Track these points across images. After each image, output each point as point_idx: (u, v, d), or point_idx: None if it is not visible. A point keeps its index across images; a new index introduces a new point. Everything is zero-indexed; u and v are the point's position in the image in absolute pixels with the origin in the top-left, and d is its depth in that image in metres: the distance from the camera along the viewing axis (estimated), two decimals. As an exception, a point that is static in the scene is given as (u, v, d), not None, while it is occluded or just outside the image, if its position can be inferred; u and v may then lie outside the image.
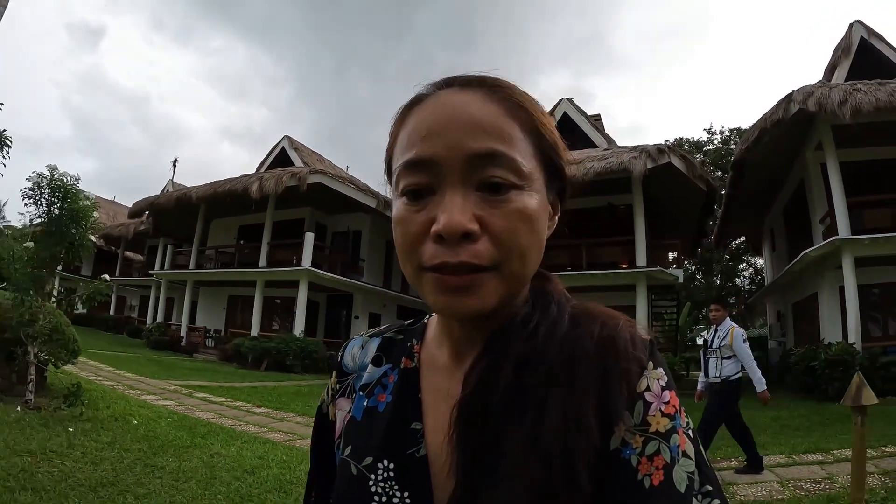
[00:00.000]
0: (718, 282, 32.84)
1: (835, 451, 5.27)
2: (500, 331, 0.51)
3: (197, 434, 5.44)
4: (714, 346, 5.08)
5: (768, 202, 16.77)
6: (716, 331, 5.17)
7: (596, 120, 19.14)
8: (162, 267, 22.84)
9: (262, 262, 18.02)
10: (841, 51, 14.57)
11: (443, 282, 0.47)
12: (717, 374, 4.95)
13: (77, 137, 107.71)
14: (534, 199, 0.49)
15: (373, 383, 0.60)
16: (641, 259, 13.73)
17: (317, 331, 19.29)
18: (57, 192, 5.60)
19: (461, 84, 0.52)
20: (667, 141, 36.21)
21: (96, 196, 32.10)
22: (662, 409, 0.48)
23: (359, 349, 0.66)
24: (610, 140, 16.92)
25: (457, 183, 0.48)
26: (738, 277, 33.52)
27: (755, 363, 4.97)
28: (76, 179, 5.71)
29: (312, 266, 16.55)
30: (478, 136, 0.48)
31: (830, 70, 14.63)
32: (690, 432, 0.49)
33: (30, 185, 5.56)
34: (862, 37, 14.44)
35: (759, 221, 18.47)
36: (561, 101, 17.88)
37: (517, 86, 0.54)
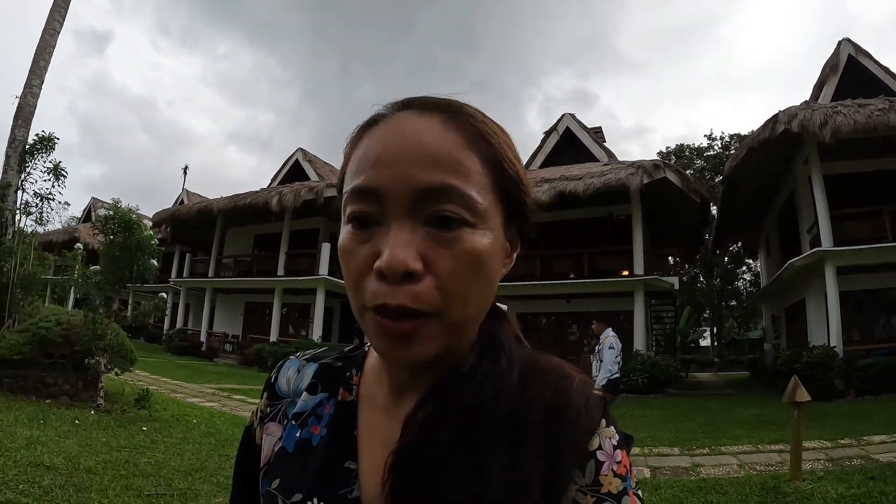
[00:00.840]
0: (719, 285, 33.49)
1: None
2: (444, 380, 0.48)
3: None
4: (595, 352, 6.37)
5: (763, 210, 17.53)
6: (598, 339, 6.38)
7: (597, 133, 19.96)
8: (180, 274, 23.80)
9: (280, 270, 18.95)
10: (829, 68, 15.34)
11: (384, 327, 0.44)
12: (597, 375, 6.04)
13: (84, 142, 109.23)
14: (486, 239, 0.46)
15: (307, 413, 0.57)
16: (639, 267, 14.54)
17: (331, 335, 20.21)
18: (122, 225, 6.49)
19: (421, 107, 0.48)
20: (668, 147, 37.00)
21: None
22: (615, 469, 0.47)
23: (294, 372, 0.62)
24: (610, 154, 17.73)
25: (404, 217, 0.45)
26: (738, 280, 34.17)
27: (611, 368, 6.06)
28: (136, 213, 6.61)
29: (329, 274, 17.48)
30: (429, 169, 0.44)
31: (819, 87, 15.40)
32: (639, 493, 0.49)
33: (101, 217, 6.46)
34: (850, 54, 15.21)
35: (755, 227, 19.22)
36: (563, 115, 18.73)
37: (482, 113, 0.51)
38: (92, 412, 6.26)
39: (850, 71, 15.07)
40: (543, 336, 17.19)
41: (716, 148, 35.21)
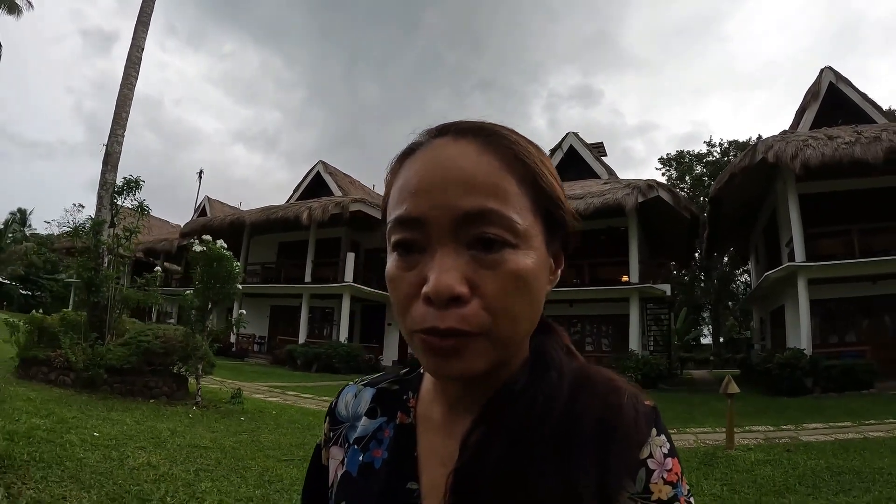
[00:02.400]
0: (717, 286, 34.94)
1: (747, 426, 7.68)
2: (497, 397, 0.50)
3: (318, 417, 7.99)
4: None
5: (750, 223, 19.11)
6: None
7: (598, 148, 21.54)
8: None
9: (308, 277, 20.67)
10: (811, 95, 16.85)
11: (430, 344, 0.46)
12: None
13: (90, 142, 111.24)
14: (529, 259, 0.48)
15: (367, 437, 0.60)
16: (634, 276, 16.17)
17: (353, 337, 21.94)
18: (214, 258, 8.17)
19: (456, 132, 0.50)
20: (668, 154, 38.40)
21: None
22: (665, 476, 0.48)
23: (352, 397, 0.65)
24: (610, 171, 19.36)
25: (447, 242, 0.46)
26: (735, 282, 35.61)
27: None
28: (225, 248, 8.28)
29: (352, 281, 19.20)
30: (469, 194, 0.46)
31: (801, 113, 16.92)
32: (691, 500, 0.50)
33: (198, 250, 8.13)
34: (831, 81, 16.70)
35: (745, 237, 20.79)
36: (567, 134, 20.32)
37: (516, 132, 0.52)
38: (194, 408, 7.93)
39: (830, 97, 16.57)
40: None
41: (715, 154, 36.70)
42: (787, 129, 15.45)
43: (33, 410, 5.99)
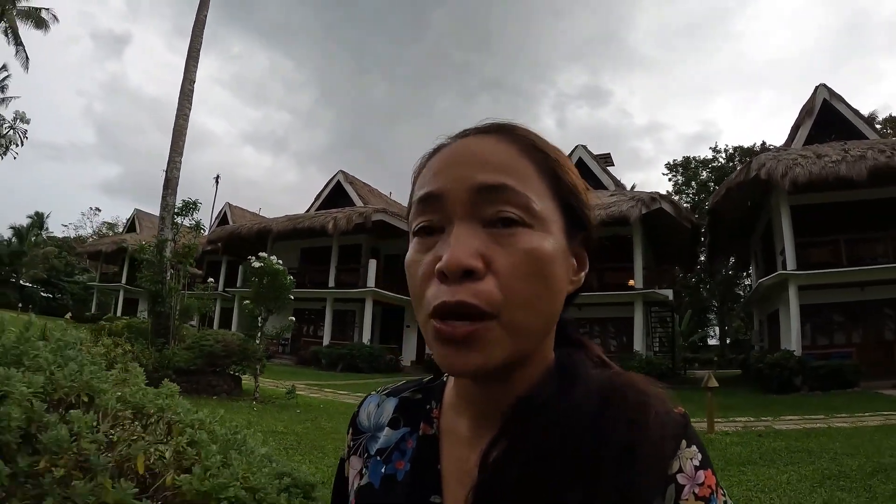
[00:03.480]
0: (721, 289, 35.91)
1: (731, 417, 8.85)
2: (518, 412, 0.49)
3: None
4: None
5: (749, 231, 20.19)
6: None
7: (605, 159, 22.73)
8: (228, 283, 27.08)
9: (331, 282, 22.02)
10: (805, 112, 17.91)
11: (442, 333, 0.45)
12: None
13: (100, 144, 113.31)
14: (545, 242, 0.47)
15: (390, 448, 0.59)
16: (639, 281, 17.34)
17: (374, 338, 23.26)
18: (269, 273, 9.47)
19: (478, 131, 0.52)
20: (675, 160, 39.39)
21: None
22: (696, 491, 0.46)
23: (374, 407, 0.65)
24: (617, 182, 20.53)
25: (463, 217, 0.47)
26: (739, 286, 36.53)
27: None
28: (280, 264, 9.57)
29: (374, 286, 20.52)
30: (487, 171, 0.47)
31: (795, 128, 17.98)
32: None
33: (256, 266, 9.43)
34: (825, 98, 17.74)
35: (745, 243, 21.88)
36: (577, 147, 21.50)
37: (537, 133, 0.53)
38: (254, 403, 9.22)
39: (824, 114, 17.60)
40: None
41: (720, 160, 37.71)
42: (783, 144, 16.55)
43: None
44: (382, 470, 0.57)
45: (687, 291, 34.34)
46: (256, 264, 9.34)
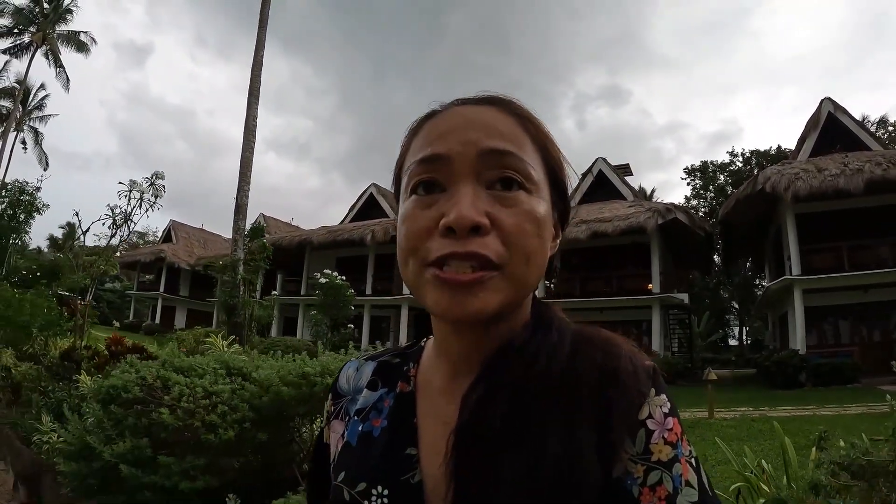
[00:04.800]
0: (739, 290, 36.72)
1: (733, 408, 10.22)
2: (498, 354, 0.51)
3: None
4: None
5: (762, 237, 21.34)
6: None
7: (624, 170, 24.05)
8: (265, 292, 28.99)
9: (369, 290, 23.77)
10: (811, 124, 19.03)
11: (444, 280, 0.47)
12: None
13: (124, 153, 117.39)
14: (542, 206, 0.51)
15: (368, 408, 0.60)
16: (656, 286, 18.69)
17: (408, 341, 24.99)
18: (333, 288, 11.14)
19: (475, 101, 0.56)
20: (693, 165, 40.32)
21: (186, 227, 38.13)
22: (665, 436, 0.48)
23: (353, 371, 0.66)
24: (636, 192, 21.89)
25: (469, 178, 0.49)
26: (757, 287, 37.32)
27: None
28: (343, 279, 11.24)
29: (410, 293, 22.23)
30: (492, 136, 0.50)
31: (802, 141, 19.10)
32: (693, 461, 0.49)
33: (323, 282, 11.10)
34: (829, 111, 18.85)
35: (758, 248, 23.02)
36: (597, 160, 22.88)
37: (526, 106, 0.57)
38: (320, 396, 10.90)
39: (829, 126, 18.69)
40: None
41: (737, 163, 38.55)
42: (791, 154, 17.74)
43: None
44: (360, 428, 0.59)
45: (707, 293, 35.29)
46: (322, 280, 11.01)
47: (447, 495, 0.48)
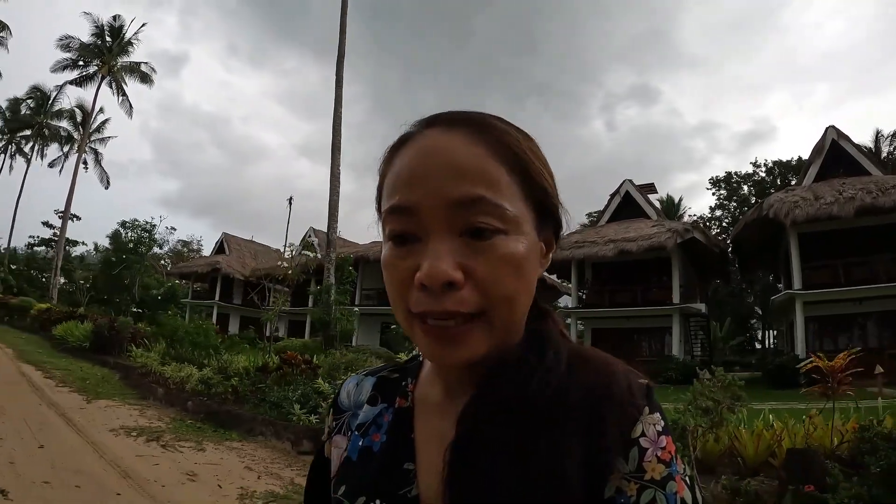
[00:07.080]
0: (759, 300, 38.50)
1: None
2: (493, 374, 0.51)
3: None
4: None
5: (774, 252, 23.61)
6: None
7: (649, 189, 26.53)
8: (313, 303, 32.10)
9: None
10: (815, 151, 21.21)
11: (430, 330, 0.48)
12: None
13: (159, 160, 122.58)
14: (520, 245, 0.49)
15: (368, 423, 0.61)
16: (676, 297, 21.24)
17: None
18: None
19: (446, 123, 0.52)
20: (717, 175, 42.28)
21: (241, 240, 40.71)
22: (658, 454, 0.48)
23: (353, 387, 0.67)
24: (659, 212, 24.50)
25: (440, 230, 0.48)
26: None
27: None
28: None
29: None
30: (460, 182, 0.48)
31: (807, 167, 21.30)
32: (687, 479, 0.49)
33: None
34: (833, 138, 20.96)
35: (773, 262, 25.28)
36: (624, 181, 25.44)
37: (506, 121, 0.54)
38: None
39: (832, 153, 20.74)
40: (613, 344, 24.04)
41: (760, 174, 40.41)
42: (797, 179, 20.05)
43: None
44: (360, 443, 0.60)
45: (730, 300, 37.18)
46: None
47: None
